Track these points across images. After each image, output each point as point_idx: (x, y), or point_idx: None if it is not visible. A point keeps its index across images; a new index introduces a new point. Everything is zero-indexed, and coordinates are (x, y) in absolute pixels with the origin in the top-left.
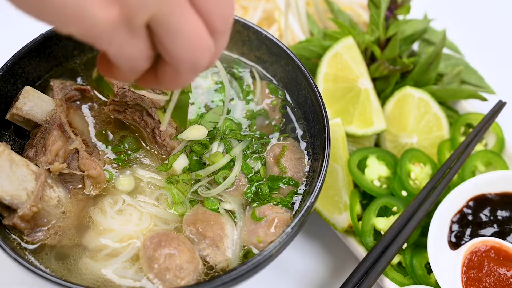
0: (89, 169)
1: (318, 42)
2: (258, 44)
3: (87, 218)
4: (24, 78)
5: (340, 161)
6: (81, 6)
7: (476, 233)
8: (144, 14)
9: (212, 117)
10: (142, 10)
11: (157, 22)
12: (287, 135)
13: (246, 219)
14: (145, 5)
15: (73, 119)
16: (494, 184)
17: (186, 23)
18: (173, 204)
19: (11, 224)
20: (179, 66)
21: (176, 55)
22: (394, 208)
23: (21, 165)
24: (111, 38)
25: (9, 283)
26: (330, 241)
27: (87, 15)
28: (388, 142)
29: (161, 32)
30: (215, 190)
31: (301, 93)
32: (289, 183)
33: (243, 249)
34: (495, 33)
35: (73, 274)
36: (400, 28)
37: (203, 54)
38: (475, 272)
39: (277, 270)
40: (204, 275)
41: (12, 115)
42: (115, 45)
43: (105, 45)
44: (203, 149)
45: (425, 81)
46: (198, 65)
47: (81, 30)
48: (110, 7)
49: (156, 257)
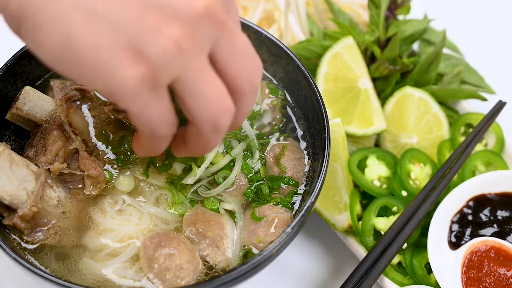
0: (89, 169)
1: (318, 42)
2: (258, 44)
3: (87, 218)
4: (24, 78)
5: (340, 161)
6: (111, 63)
7: (476, 233)
8: (169, 74)
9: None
10: (168, 70)
11: (180, 83)
12: (287, 135)
13: (246, 219)
14: (171, 66)
15: (73, 119)
16: (494, 184)
17: (207, 85)
18: (173, 204)
19: (11, 224)
20: (200, 126)
21: (196, 115)
22: (394, 208)
23: (21, 165)
24: (135, 96)
25: (9, 283)
26: (330, 241)
27: (115, 72)
28: (388, 142)
29: (182, 92)
30: (215, 190)
31: (301, 93)
32: (289, 183)
33: (243, 249)
34: (495, 33)
35: (73, 274)
36: (400, 28)
37: (223, 115)
38: (475, 272)
39: (277, 270)
40: (204, 275)
41: (12, 115)
42: (138, 104)
43: (128, 103)
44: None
45: (425, 81)
46: (219, 125)
47: (107, 86)
48: (138, 66)
49: (156, 257)
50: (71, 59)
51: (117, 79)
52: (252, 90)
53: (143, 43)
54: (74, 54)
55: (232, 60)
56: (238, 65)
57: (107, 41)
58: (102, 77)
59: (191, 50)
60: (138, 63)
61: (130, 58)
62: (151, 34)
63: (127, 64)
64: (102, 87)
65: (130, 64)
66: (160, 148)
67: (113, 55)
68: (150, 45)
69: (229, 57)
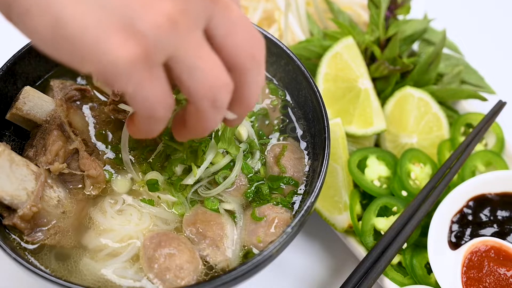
0: (89, 169)
1: (318, 42)
2: None
3: (87, 218)
4: (24, 78)
5: (340, 161)
6: (99, 42)
7: (476, 233)
8: (163, 51)
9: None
10: (161, 48)
11: (175, 60)
12: (287, 135)
13: (246, 219)
14: (165, 43)
15: (73, 119)
16: (494, 184)
17: (203, 61)
18: (173, 204)
19: (11, 224)
20: (198, 103)
21: (194, 91)
22: (394, 208)
23: (21, 165)
24: (129, 76)
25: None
26: (330, 241)
27: (105, 52)
28: (388, 142)
29: (178, 69)
30: (215, 190)
31: (301, 93)
32: (289, 183)
33: (243, 249)
34: (495, 33)
35: (73, 274)
36: (400, 28)
37: (220, 90)
38: (475, 272)
39: (277, 270)
40: (204, 275)
41: (12, 115)
42: (133, 84)
43: (123, 84)
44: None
45: (425, 81)
46: (217, 101)
47: (100, 67)
48: (129, 44)
49: (156, 257)
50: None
51: (109, 59)
52: (254, 65)
53: (135, 20)
54: (65, 36)
55: (228, 35)
56: (235, 40)
57: (97, 20)
58: (94, 58)
59: (185, 26)
60: (130, 41)
61: (122, 37)
62: (142, 11)
63: (119, 43)
64: (96, 68)
65: (122, 43)
66: (156, 130)
67: (104, 34)
68: (141, 22)
69: (225, 32)
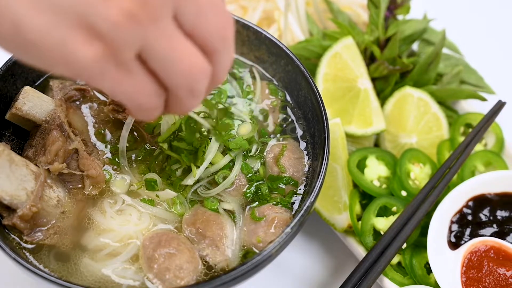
0: (89, 169)
1: (317, 42)
2: (257, 44)
3: (87, 218)
4: (23, 78)
5: (339, 161)
6: (62, 45)
7: (476, 233)
8: (129, 47)
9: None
10: (126, 44)
11: (147, 53)
12: (288, 136)
13: (245, 219)
14: (128, 39)
15: (72, 119)
16: (494, 184)
17: (175, 50)
18: (173, 204)
19: (10, 224)
20: (176, 92)
21: (171, 81)
22: (394, 208)
23: (20, 165)
24: (101, 74)
25: (9, 283)
26: (329, 241)
27: (69, 53)
28: (388, 142)
29: (151, 62)
30: (214, 190)
31: (301, 93)
32: (289, 182)
33: (242, 249)
34: (495, 33)
35: (73, 274)
36: (399, 28)
37: (197, 77)
38: (475, 272)
39: (277, 270)
40: (204, 275)
41: (12, 115)
42: (109, 82)
43: (98, 82)
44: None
45: (424, 81)
46: (195, 89)
47: (68, 69)
48: (93, 43)
49: (155, 257)
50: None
51: (76, 61)
52: (225, 46)
53: (93, 18)
54: (26, 41)
55: (197, 20)
56: (205, 24)
57: (56, 22)
58: (62, 61)
59: (146, 18)
60: (93, 41)
61: (84, 37)
62: (99, 8)
63: (82, 44)
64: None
65: (85, 43)
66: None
67: (65, 35)
68: (100, 20)
69: (194, 18)
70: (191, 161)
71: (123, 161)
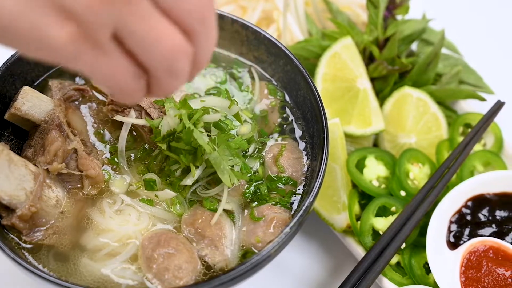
0: (88, 169)
1: (316, 42)
2: (256, 44)
3: (86, 218)
4: (22, 78)
5: (338, 161)
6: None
7: (475, 233)
8: (103, 27)
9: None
10: (100, 24)
11: (123, 34)
12: (287, 136)
13: (244, 219)
14: (102, 19)
15: (71, 119)
16: (493, 184)
17: (152, 30)
18: (172, 204)
19: (9, 224)
20: (156, 72)
21: (149, 62)
22: (393, 208)
23: (19, 165)
24: (77, 56)
25: (8, 283)
26: (328, 241)
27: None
28: (387, 142)
29: (128, 42)
30: (213, 190)
31: (300, 93)
32: (288, 182)
33: (241, 249)
34: (494, 33)
35: (72, 274)
36: (398, 28)
37: (176, 56)
38: (474, 272)
39: (276, 270)
40: (203, 275)
41: (11, 115)
42: (85, 63)
43: (74, 64)
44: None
45: (423, 81)
46: (175, 69)
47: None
48: (66, 24)
49: (154, 257)
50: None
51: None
52: (205, 27)
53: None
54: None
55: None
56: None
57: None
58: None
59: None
60: (65, 21)
61: (56, 18)
62: None
63: (55, 25)
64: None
65: (58, 25)
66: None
67: (37, 18)
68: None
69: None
70: (190, 161)
71: (122, 161)
